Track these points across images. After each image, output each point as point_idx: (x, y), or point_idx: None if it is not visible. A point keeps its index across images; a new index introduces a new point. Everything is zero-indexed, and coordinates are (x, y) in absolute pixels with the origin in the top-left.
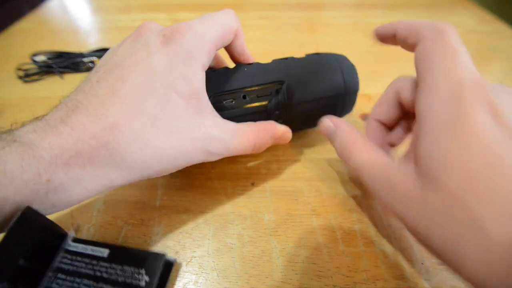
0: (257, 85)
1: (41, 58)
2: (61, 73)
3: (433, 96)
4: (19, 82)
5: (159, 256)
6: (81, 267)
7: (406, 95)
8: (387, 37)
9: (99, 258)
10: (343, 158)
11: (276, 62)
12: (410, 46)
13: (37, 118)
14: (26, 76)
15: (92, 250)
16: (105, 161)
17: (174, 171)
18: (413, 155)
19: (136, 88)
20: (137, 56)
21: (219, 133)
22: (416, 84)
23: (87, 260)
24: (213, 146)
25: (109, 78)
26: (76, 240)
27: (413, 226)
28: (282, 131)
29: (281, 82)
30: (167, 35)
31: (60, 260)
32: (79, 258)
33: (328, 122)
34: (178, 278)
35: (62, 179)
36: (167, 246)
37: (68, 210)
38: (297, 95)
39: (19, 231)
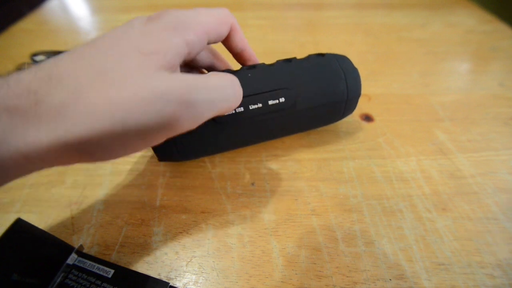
0: (261, 93)
1: (41, 58)
2: None
3: None
4: None
5: (163, 283)
6: (85, 286)
7: None
8: None
9: (103, 278)
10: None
11: (280, 65)
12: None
13: None
14: None
15: (98, 268)
16: (26, 112)
17: (118, 145)
18: None
19: (97, 48)
20: (117, 30)
21: (182, 78)
22: None
23: (92, 279)
24: (174, 92)
25: (79, 47)
26: (82, 255)
27: None
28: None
29: (285, 89)
30: (152, 16)
31: (66, 276)
32: (84, 276)
33: None
34: (178, 278)
35: None
36: (167, 246)
37: (68, 211)
38: (301, 102)
39: (9, 244)
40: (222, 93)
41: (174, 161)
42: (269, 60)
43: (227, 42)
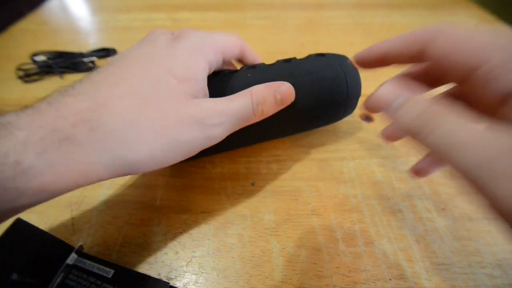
0: None
1: (41, 58)
2: (61, 73)
3: None
4: (19, 82)
5: (163, 283)
6: (85, 286)
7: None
8: (374, 60)
9: (103, 278)
10: (421, 131)
11: (280, 65)
12: (413, 55)
13: (28, 105)
14: (26, 76)
15: (98, 268)
16: (84, 139)
17: (167, 160)
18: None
19: (133, 73)
20: (144, 49)
21: (213, 104)
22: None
23: (92, 279)
24: (208, 116)
25: (109, 67)
26: (82, 255)
27: None
28: (284, 83)
29: None
30: (175, 33)
31: (66, 276)
32: (85, 276)
33: (391, 87)
34: (178, 278)
35: (32, 161)
36: (167, 246)
37: (68, 211)
38: (301, 102)
39: (9, 244)
40: (243, 113)
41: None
42: (269, 60)
43: (240, 60)
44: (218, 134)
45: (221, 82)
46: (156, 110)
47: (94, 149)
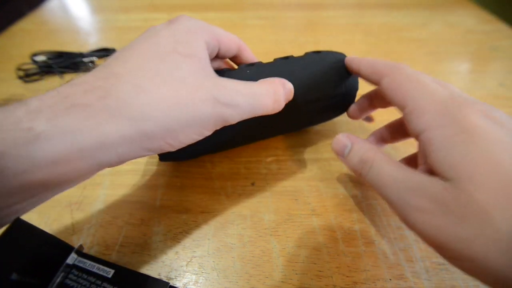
0: None
1: (41, 58)
2: (61, 73)
3: (426, 116)
4: (19, 82)
5: (163, 283)
6: (85, 286)
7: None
8: (352, 70)
9: (103, 278)
10: (362, 172)
11: (278, 62)
12: (373, 82)
13: None
14: (26, 76)
15: (98, 268)
16: (98, 107)
17: (184, 135)
18: (427, 167)
19: (140, 53)
20: (145, 35)
21: (229, 82)
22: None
23: (92, 279)
24: (223, 94)
25: (117, 54)
26: (82, 255)
27: (435, 234)
28: (287, 82)
29: None
30: (172, 20)
31: (66, 276)
32: (85, 276)
33: (343, 139)
34: (178, 278)
35: (44, 126)
36: (167, 246)
37: (68, 211)
38: (300, 98)
39: (9, 243)
40: (261, 101)
41: (176, 160)
42: (268, 60)
43: (237, 59)
44: (231, 115)
45: None
46: (167, 82)
47: (107, 116)
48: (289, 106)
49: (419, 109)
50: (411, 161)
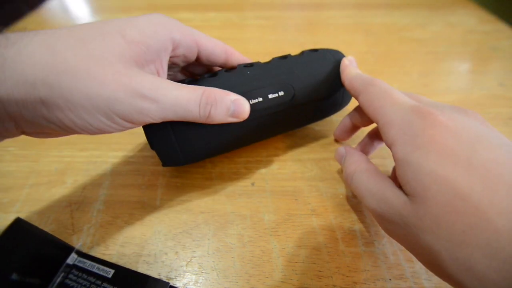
0: (261, 87)
1: None
2: None
3: (392, 130)
4: None
5: (163, 283)
6: (85, 286)
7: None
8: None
9: (103, 278)
10: (346, 179)
11: (276, 62)
12: (354, 97)
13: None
14: None
15: (98, 268)
16: None
17: (86, 113)
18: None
19: (84, 26)
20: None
21: (156, 79)
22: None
23: (92, 279)
24: (144, 85)
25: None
26: (82, 255)
27: (402, 243)
28: (243, 99)
29: (284, 83)
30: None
31: (66, 276)
32: (85, 276)
33: (340, 150)
34: (178, 278)
35: None
36: (167, 246)
37: (68, 211)
38: (300, 96)
39: (9, 244)
40: (187, 106)
41: (179, 165)
42: (268, 60)
43: (228, 65)
44: (149, 109)
45: (220, 81)
46: (87, 56)
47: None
48: (288, 105)
49: (388, 123)
50: None
